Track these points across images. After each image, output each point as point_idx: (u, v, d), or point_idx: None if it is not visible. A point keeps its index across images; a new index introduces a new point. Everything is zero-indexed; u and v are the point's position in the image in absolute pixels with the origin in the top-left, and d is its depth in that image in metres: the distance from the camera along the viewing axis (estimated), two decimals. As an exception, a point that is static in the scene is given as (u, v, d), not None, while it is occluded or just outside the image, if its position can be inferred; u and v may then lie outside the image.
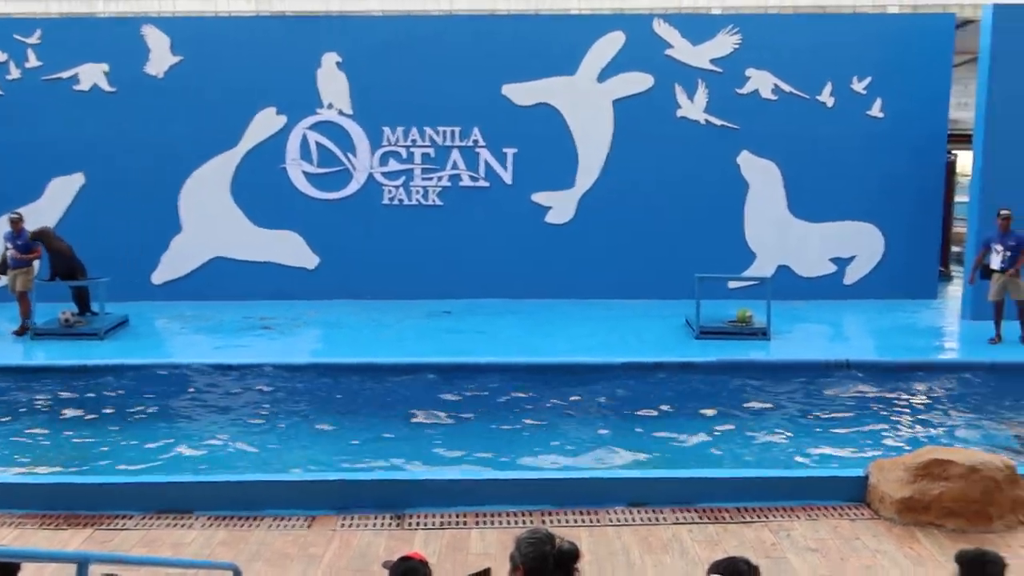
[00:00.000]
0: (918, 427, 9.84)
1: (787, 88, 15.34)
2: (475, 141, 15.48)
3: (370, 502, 7.41)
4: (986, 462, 7.30)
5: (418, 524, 7.12)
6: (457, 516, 7.25)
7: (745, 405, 10.49)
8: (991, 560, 3.96)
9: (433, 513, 7.29)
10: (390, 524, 7.13)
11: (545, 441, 9.28)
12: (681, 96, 15.38)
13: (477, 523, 7.15)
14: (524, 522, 7.14)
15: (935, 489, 7.19)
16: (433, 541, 6.84)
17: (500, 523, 7.13)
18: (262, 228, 15.69)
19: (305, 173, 15.59)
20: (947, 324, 14.30)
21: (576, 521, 7.22)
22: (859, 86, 15.36)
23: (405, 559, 3.90)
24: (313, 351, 12.80)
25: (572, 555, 3.60)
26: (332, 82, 15.43)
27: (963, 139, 16.78)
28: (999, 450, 8.67)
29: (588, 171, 15.57)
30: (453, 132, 15.48)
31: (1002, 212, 12.69)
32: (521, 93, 15.41)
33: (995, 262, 12.68)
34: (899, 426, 9.85)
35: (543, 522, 7.15)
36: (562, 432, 9.58)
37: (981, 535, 6.91)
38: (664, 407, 10.35)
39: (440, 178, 15.57)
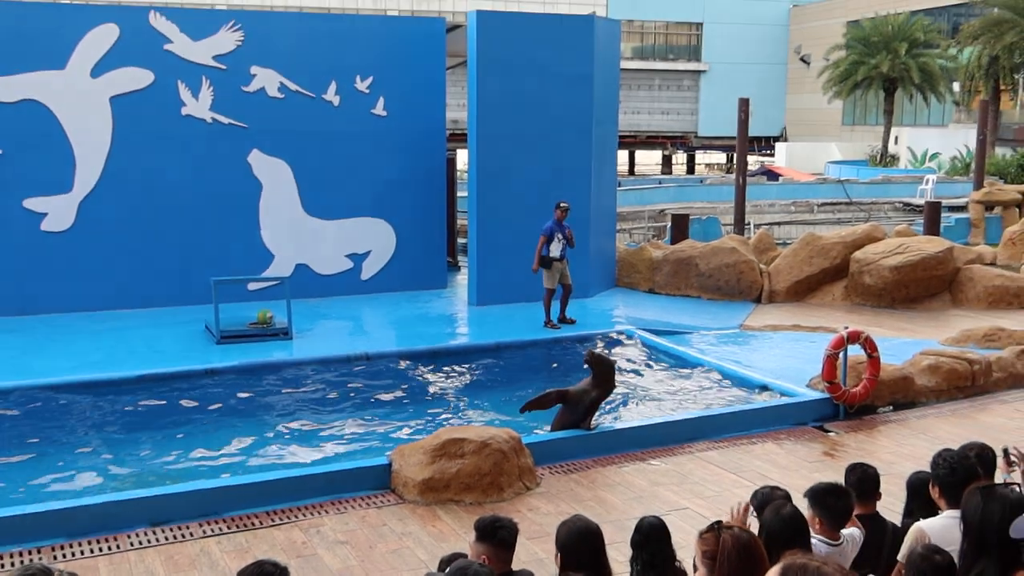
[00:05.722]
0: (437, 409, 10.32)
1: (293, 87, 15.36)
2: (-52, 141, 13.69)
3: None
4: (494, 436, 7.85)
5: None
6: (-53, 567, 6.35)
7: (270, 407, 10.34)
8: (504, 525, 4.30)
9: (-86, 569, 6.33)
10: None
11: (46, 470, 8.42)
12: (185, 93, 14.77)
13: (-27, 571, 6.32)
14: (32, 560, 6.42)
15: (453, 467, 7.59)
16: (-84, 601, 5.93)
17: (0, 566, 6.35)
18: None
19: None
20: (457, 311, 15.21)
21: (93, 551, 6.66)
22: (362, 85, 15.80)
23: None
24: None
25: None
26: None
27: (463, 137, 17.97)
28: (508, 423, 9.37)
29: (87, 173, 14.42)
30: (-80, 131, 13.56)
31: (562, 204, 13.48)
32: (2, 88, 13.88)
33: (556, 251, 13.43)
34: (419, 411, 10.26)
35: (54, 558, 6.50)
36: (63, 460, 8.72)
37: (495, 504, 7.41)
38: (186, 418, 9.89)
39: (-93, 184, 13.57)
